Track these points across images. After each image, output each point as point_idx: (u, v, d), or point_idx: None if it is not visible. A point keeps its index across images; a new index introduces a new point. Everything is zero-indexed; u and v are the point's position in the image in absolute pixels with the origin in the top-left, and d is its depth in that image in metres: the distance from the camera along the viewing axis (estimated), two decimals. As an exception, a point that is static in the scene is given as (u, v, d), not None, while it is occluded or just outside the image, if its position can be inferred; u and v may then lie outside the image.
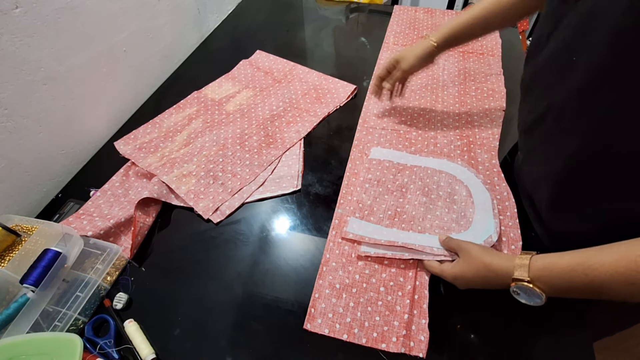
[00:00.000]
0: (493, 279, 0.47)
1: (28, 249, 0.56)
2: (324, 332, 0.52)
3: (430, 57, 0.70)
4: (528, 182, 0.62)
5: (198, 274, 0.60)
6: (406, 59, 0.70)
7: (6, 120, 0.62)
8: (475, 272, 0.49)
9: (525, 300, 0.46)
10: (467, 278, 0.50)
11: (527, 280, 0.43)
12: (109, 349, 0.50)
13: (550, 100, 0.48)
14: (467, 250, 0.51)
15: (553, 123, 0.49)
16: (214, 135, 0.80)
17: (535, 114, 0.53)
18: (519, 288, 0.45)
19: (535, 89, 0.53)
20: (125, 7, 0.82)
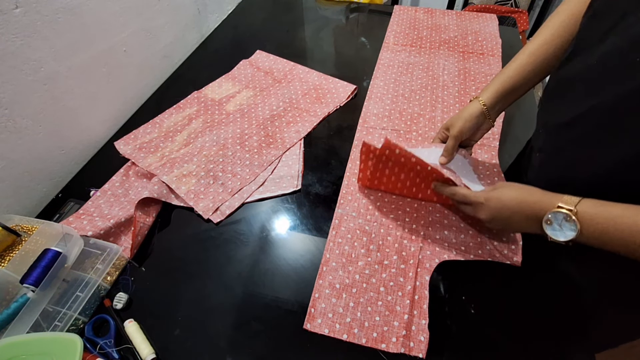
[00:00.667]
0: (533, 204, 0.47)
1: (28, 249, 0.56)
2: (324, 332, 0.52)
3: (481, 118, 0.62)
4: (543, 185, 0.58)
5: (198, 274, 0.60)
6: (455, 124, 0.63)
7: (6, 120, 0.62)
8: (515, 195, 0.49)
9: (550, 233, 0.45)
10: (506, 204, 0.49)
11: (571, 209, 0.43)
12: (109, 349, 0.50)
13: (598, 101, 0.45)
14: (506, 182, 0.52)
15: (597, 125, 0.46)
16: (214, 135, 0.80)
17: (573, 113, 0.50)
18: (556, 216, 0.44)
19: (578, 86, 0.49)
20: (125, 7, 0.82)
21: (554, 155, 0.56)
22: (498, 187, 0.53)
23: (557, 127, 0.54)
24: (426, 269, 0.57)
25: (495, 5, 1.61)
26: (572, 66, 0.51)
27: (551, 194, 0.47)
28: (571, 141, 0.52)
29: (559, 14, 0.57)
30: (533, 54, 0.59)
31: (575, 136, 0.51)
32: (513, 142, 0.77)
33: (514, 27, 1.16)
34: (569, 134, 0.52)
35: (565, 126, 0.52)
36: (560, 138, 0.54)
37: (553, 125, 0.56)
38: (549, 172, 0.58)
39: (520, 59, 0.60)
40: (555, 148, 0.56)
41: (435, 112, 0.84)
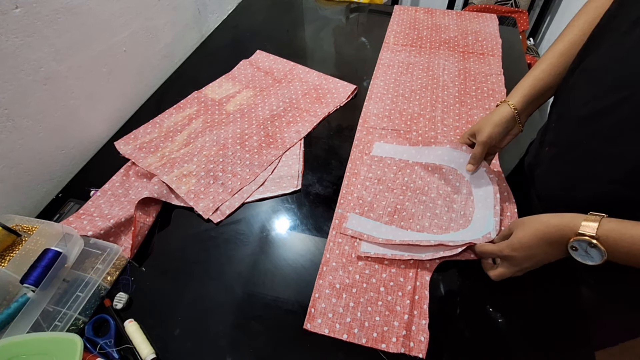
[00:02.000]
0: (553, 236, 0.45)
1: (28, 249, 0.56)
2: (324, 332, 0.52)
3: (511, 122, 0.59)
4: (553, 181, 0.57)
5: (198, 274, 0.60)
6: (483, 130, 0.60)
7: (6, 120, 0.62)
8: (533, 234, 0.47)
9: (579, 258, 0.44)
10: (526, 244, 0.48)
11: (593, 235, 0.41)
12: (109, 349, 0.50)
13: (625, 94, 0.43)
14: (520, 221, 0.50)
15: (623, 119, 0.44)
16: (214, 135, 0.80)
17: (597, 106, 0.47)
18: (580, 243, 0.43)
19: (604, 78, 0.47)
20: (125, 7, 0.82)
21: (569, 149, 0.53)
22: (512, 228, 0.51)
23: (576, 120, 0.51)
24: (426, 269, 0.57)
25: (495, 5, 1.61)
26: (597, 57, 0.48)
27: (567, 217, 0.45)
28: (590, 135, 0.49)
29: (586, 13, 0.56)
30: (563, 54, 0.56)
31: (594, 131, 0.48)
32: (513, 142, 0.77)
33: (514, 27, 1.16)
34: (589, 128, 0.49)
35: (584, 119, 0.50)
36: (578, 132, 0.51)
37: (570, 118, 0.53)
38: (561, 167, 0.56)
39: (549, 59, 0.57)
40: (571, 142, 0.53)
41: (436, 112, 0.84)
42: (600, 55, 0.48)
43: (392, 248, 0.59)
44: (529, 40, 1.67)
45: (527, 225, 0.49)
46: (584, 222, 0.43)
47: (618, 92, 0.44)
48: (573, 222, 0.44)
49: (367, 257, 0.59)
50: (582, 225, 0.43)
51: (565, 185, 0.55)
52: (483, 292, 0.56)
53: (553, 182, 0.57)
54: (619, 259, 0.42)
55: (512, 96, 0.59)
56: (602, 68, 0.47)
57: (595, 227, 0.42)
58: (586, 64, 0.51)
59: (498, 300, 0.55)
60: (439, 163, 0.68)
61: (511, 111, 0.58)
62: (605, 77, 0.47)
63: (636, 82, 0.43)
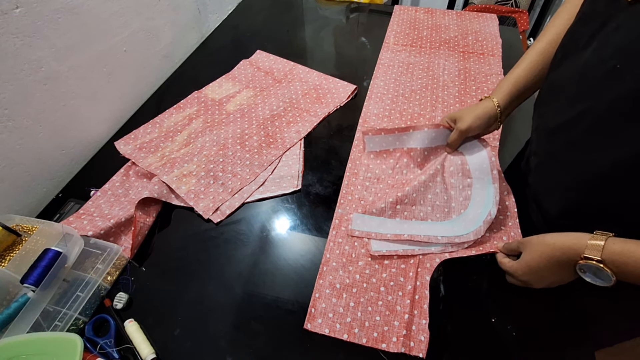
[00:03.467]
0: (560, 259, 0.45)
1: (28, 249, 0.56)
2: (324, 332, 0.52)
3: (493, 119, 0.61)
4: (540, 187, 0.59)
5: (198, 273, 0.60)
6: (464, 119, 0.61)
7: (6, 120, 0.62)
8: (539, 256, 0.47)
9: (590, 279, 0.44)
10: (535, 267, 0.48)
11: (599, 260, 0.41)
12: (109, 349, 0.50)
13: (585, 106, 0.45)
14: (527, 241, 0.50)
15: (586, 130, 0.46)
16: (214, 135, 0.80)
17: (562, 118, 0.49)
18: (587, 267, 0.43)
19: (567, 91, 0.49)
20: (125, 7, 0.82)
21: (547, 159, 0.56)
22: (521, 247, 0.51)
23: (548, 131, 0.54)
24: (426, 269, 0.57)
25: (495, 5, 1.61)
26: (562, 71, 0.51)
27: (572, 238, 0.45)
28: (562, 145, 0.51)
29: (563, 12, 0.57)
30: (542, 52, 0.58)
31: (565, 140, 0.50)
32: (513, 142, 0.77)
33: (514, 27, 1.16)
34: (560, 138, 0.51)
35: (555, 130, 0.52)
36: (552, 142, 0.54)
37: (544, 129, 0.55)
38: (544, 176, 0.58)
39: (530, 58, 0.59)
40: (548, 152, 0.55)
41: (436, 112, 0.84)
42: (563, 70, 0.50)
43: (402, 243, 0.60)
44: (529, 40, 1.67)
45: (533, 247, 0.49)
46: (589, 243, 0.42)
47: (578, 105, 0.46)
48: (578, 244, 0.43)
49: (373, 256, 0.59)
50: (587, 247, 0.42)
51: (546, 191, 0.56)
52: (483, 292, 0.56)
53: (540, 190, 0.59)
54: (629, 280, 0.41)
55: (496, 93, 0.61)
56: (565, 81, 0.49)
57: (600, 249, 0.41)
58: (552, 77, 0.53)
59: (498, 300, 0.55)
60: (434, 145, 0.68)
61: (495, 108, 0.60)
62: (568, 90, 0.49)
63: (589, 97, 0.45)
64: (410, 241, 0.59)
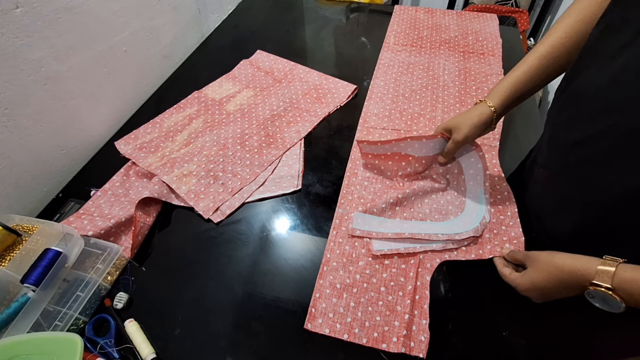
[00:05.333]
0: (567, 282, 0.44)
1: (29, 249, 0.56)
2: (324, 332, 0.52)
3: (489, 124, 0.59)
4: (547, 201, 0.57)
5: (198, 273, 0.60)
6: (460, 129, 0.59)
7: (7, 120, 0.62)
8: (546, 277, 0.46)
9: (599, 305, 0.43)
10: (540, 286, 0.47)
11: (609, 287, 0.40)
12: (110, 349, 0.50)
13: (611, 122, 0.42)
14: (534, 257, 0.48)
15: (609, 148, 0.43)
16: (215, 135, 0.80)
17: (584, 132, 0.46)
18: (596, 293, 0.42)
19: (591, 104, 0.46)
20: (125, 7, 0.82)
21: (560, 173, 0.53)
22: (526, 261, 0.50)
23: (566, 144, 0.51)
24: (427, 269, 0.57)
25: (495, 5, 1.61)
26: (585, 81, 0.47)
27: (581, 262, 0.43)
28: (579, 161, 0.48)
29: (569, 17, 0.55)
30: (543, 56, 0.56)
31: (584, 156, 0.48)
32: (513, 142, 0.77)
33: (514, 27, 1.16)
34: (579, 153, 0.48)
35: (574, 144, 0.49)
36: (569, 156, 0.51)
37: (561, 142, 0.52)
38: (555, 190, 0.55)
39: (531, 61, 0.57)
40: (562, 166, 0.53)
41: (436, 112, 0.84)
42: (587, 79, 0.47)
43: (403, 241, 0.60)
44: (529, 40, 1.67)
45: (541, 265, 0.47)
46: (599, 269, 0.41)
47: (605, 119, 0.44)
48: (588, 269, 0.42)
49: (374, 256, 0.59)
50: (597, 272, 0.41)
51: (557, 207, 0.54)
52: (484, 293, 0.56)
53: (547, 204, 0.57)
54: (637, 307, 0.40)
55: (492, 97, 0.58)
56: (589, 92, 0.47)
57: (610, 276, 0.40)
58: (574, 87, 0.50)
59: (499, 300, 0.55)
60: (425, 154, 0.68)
61: (491, 113, 0.58)
62: (593, 102, 0.46)
63: (623, 110, 0.42)
64: (412, 239, 0.60)
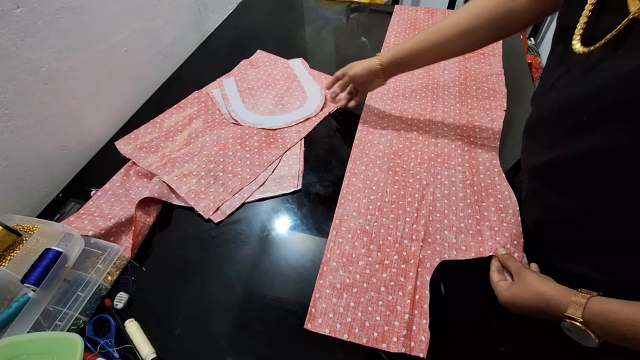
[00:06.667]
0: (544, 310, 0.45)
1: (29, 249, 0.56)
2: (324, 332, 0.52)
3: (373, 74, 0.71)
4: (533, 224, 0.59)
5: (198, 273, 0.60)
6: (354, 66, 0.73)
7: (7, 120, 0.62)
8: (526, 299, 0.47)
9: (576, 339, 0.43)
10: (518, 304, 0.48)
11: (580, 320, 0.40)
12: (110, 349, 0.50)
13: (559, 152, 0.45)
14: (523, 276, 0.49)
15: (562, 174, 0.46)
16: (215, 135, 0.80)
17: (541, 159, 0.49)
18: (572, 327, 0.42)
19: (541, 134, 0.49)
20: (126, 7, 0.82)
21: (533, 196, 0.56)
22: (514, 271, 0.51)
23: (531, 169, 0.55)
24: (427, 269, 0.57)
25: (495, 5, 1.61)
26: (535, 112, 0.52)
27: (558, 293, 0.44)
28: (544, 186, 0.52)
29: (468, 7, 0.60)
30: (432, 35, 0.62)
31: (546, 182, 0.50)
32: (513, 142, 0.77)
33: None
34: (542, 179, 0.52)
35: (537, 170, 0.52)
36: (535, 181, 0.54)
37: (528, 167, 0.56)
38: (532, 213, 0.58)
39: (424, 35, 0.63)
40: (533, 190, 0.56)
41: (436, 111, 0.84)
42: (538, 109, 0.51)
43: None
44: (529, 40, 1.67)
45: (525, 288, 0.48)
46: (572, 299, 0.41)
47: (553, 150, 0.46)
48: (563, 300, 0.42)
49: (368, 257, 0.59)
50: (570, 303, 0.41)
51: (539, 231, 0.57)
52: (484, 292, 0.56)
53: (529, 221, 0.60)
54: (614, 342, 0.40)
55: (384, 54, 0.69)
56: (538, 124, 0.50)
57: (581, 309, 0.40)
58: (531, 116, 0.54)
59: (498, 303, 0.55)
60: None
61: (377, 66, 0.70)
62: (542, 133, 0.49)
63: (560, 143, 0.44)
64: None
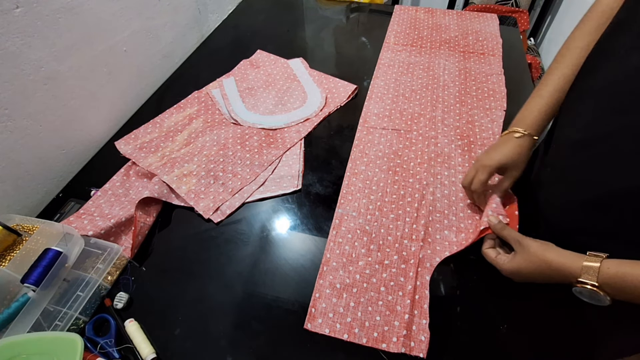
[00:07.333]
0: (552, 276, 0.45)
1: (29, 249, 0.56)
2: (324, 331, 0.52)
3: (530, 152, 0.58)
4: (553, 201, 0.56)
5: (198, 273, 0.60)
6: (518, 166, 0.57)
7: (7, 120, 0.62)
8: (534, 268, 0.47)
9: (587, 300, 0.44)
10: (525, 274, 0.48)
11: (595, 285, 0.41)
12: (110, 349, 0.50)
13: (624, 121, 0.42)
14: (525, 245, 0.48)
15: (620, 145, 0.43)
16: (215, 135, 0.80)
17: (593, 130, 0.46)
18: (583, 290, 0.43)
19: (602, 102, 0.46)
20: (125, 7, 0.82)
21: (567, 172, 0.53)
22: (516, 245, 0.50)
23: (573, 142, 0.51)
24: (427, 269, 0.57)
25: (496, 5, 1.61)
26: (596, 79, 0.47)
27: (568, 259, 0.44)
28: (587, 159, 0.48)
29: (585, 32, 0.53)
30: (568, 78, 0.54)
31: (592, 154, 0.47)
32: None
33: (514, 26, 1.16)
34: (585, 152, 0.48)
35: (581, 143, 0.49)
36: (575, 155, 0.51)
37: (566, 140, 0.52)
38: (560, 190, 0.55)
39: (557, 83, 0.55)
40: (569, 165, 0.52)
41: (436, 111, 0.84)
42: (597, 78, 0.47)
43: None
44: (529, 40, 1.67)
45: (530, 257, 0.47)
46: (585, 265, 0.42)
47: (617, 118, 0.44)
48: (574, 266, 0.43)
49: (368, 257, 0.59)
50: (582, 269, 0.42)
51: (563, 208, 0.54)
52: (484, 292, 0.56)
53: (552, 205, 0.57)
54: (626, 300, 0.41)
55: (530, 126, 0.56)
56: (600, 91, 0.46)
57: (595, 273, 0.41)
58: (585, 85, 0.50)
59: (499, 300, 0.55)
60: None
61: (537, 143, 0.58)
62: (603, 101, 0.46)
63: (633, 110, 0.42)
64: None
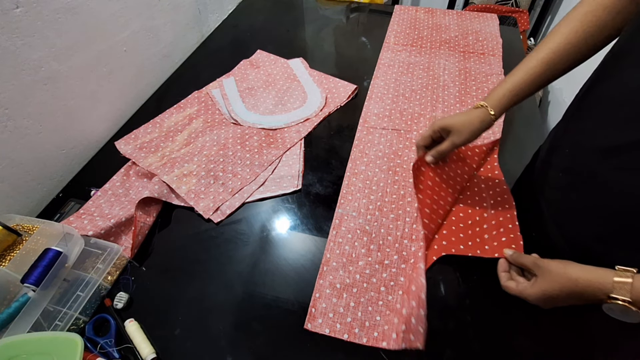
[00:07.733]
0: (582, 295, 0.43)
1: (29, 249, 0.56)
2: (324, 331, 0.52)
3: (487, 129, 0.58)
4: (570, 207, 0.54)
5: (198, 273, 0.60)
6: (462, 133, 0.58)
7: (7, 120, 0.62)
8: (559, 288, 0.44)
9: (618, 317, 0.42)
10: (551, 296, 0.45)
11: (629, 300, 0.39)
12: (110, 349, 0.50)
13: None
14: (545, 267, 0.46)
15: None
16: (215, 135, 0.80)
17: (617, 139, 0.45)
18: (614, 307, 0.40)
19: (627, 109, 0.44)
20: (125, 7, 0.82)
21: (589, 179, 0.50)
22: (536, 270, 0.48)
23: (593, 150, 0.49)
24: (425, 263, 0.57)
25: (495, 5, 1.61)
26: (615, 84, 0.45)
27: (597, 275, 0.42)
28: (615, 168, 0.46)
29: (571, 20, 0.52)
30: (546, 62, 0.53)
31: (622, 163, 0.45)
32: (513, 142, 0.77)
33: (514, 26, 1.16)
34: (610, 160, 0.47)
35: (607, 151, 0.47)
36: (596, 163, 0.48)
37: (587, 147, 0.50)
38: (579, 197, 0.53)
39: (530, 66, 0.55)
40: (592, 172, 0.50)
41: (436, 111, 0.84)
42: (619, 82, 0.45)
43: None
44: (529, 40, 1.67)
45: (554, 277, 0.45)
46: (616, 281, 0.40)
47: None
48: (604, 282, 0.41)
49: (368, 257, 0.59)
50: (614, 285, 0.40)
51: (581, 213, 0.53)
52: (484, 292, 0.56)
53: (568, 210, 0.55)
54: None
55: (492, 102, 0.57)
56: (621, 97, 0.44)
57: (628, 289, 0.39)
58: (602, 90, 0.48)
59: (499, 300, 0.55)
60: None
61: (491, 121, 0.57)
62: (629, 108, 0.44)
63: None
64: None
